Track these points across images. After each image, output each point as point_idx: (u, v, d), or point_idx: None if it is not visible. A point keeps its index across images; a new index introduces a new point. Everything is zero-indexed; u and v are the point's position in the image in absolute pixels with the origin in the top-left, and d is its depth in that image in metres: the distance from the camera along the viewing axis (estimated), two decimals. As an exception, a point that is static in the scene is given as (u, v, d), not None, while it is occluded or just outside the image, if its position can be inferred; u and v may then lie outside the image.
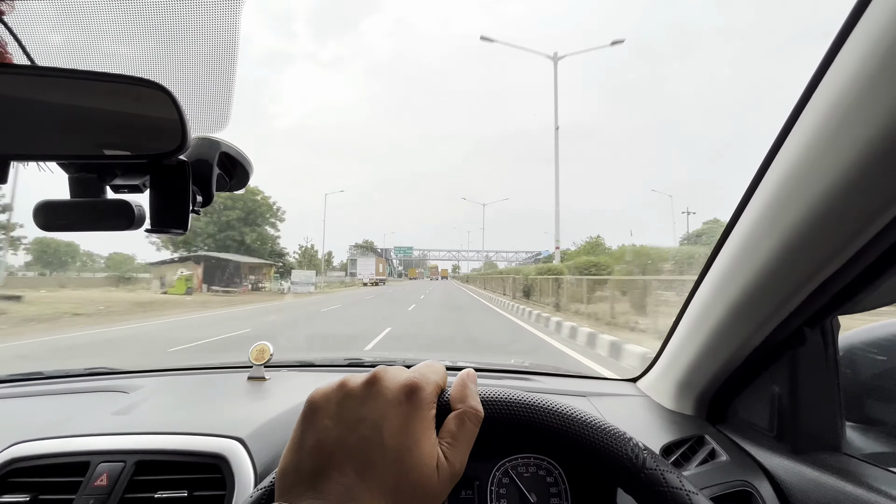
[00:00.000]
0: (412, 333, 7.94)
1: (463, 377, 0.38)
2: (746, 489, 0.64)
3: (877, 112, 0.39)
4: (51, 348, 6.54)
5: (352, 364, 1.28)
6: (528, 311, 11.91)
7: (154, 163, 0.45)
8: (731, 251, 0.63)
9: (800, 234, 0.51)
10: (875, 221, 0.44)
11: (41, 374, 1.18)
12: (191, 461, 0.67)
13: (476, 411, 0.35)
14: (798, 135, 0.49)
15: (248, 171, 0.56)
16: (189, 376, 1.15)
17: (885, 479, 0.54)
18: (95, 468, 0.65)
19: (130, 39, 0.45)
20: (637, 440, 0.38)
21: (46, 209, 0.45)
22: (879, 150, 0.40)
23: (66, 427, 0.75)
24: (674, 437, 0.77)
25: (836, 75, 0.43)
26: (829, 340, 0.63)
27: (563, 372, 1.24)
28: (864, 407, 0.66)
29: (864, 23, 0.39)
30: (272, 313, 11.89)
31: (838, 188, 0.44)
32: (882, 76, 0.38)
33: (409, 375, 0.34)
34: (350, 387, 0.34)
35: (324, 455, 0.31)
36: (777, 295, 0.58)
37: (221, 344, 6.53)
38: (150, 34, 0.46)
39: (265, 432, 0.74)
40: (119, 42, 0.45)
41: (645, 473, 0.36)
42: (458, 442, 0.34)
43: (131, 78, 0.40)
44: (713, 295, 0.69)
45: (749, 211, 0.58)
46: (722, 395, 0.79)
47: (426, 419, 0.33)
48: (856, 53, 0.40)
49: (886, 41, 0.37)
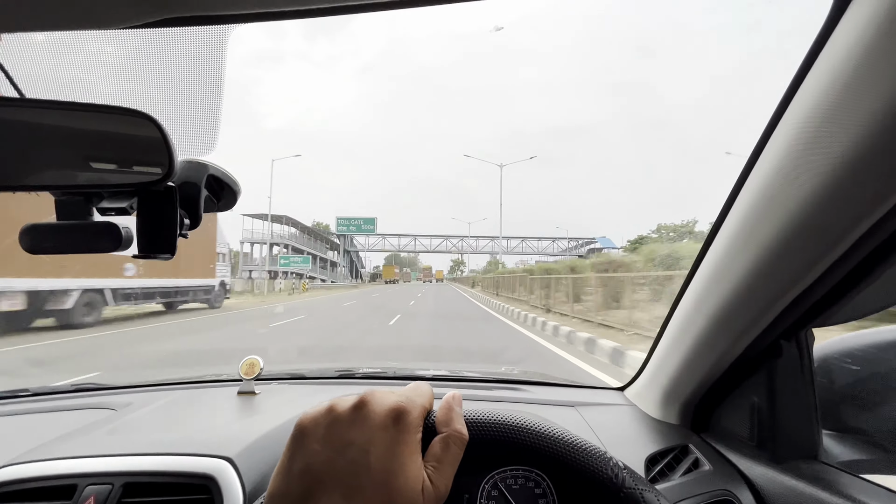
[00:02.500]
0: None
1: (448, 400, 0.39)
2: (728, 499, 0.66)
3: (848, 129, 0.40)
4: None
5: (343, 376, 1.28)
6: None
7: (142, 188, 0.45)
8: (711, 264, 0.64)
9: (774, 250, 0.52)
10: (845, 238, 0.46)
11: (27, 391, 1.16)
12: (179, 482, 0.67)
13: (461, 435, 0.36)
14: (770, 153, 0.50)
15: (235, 192, 0.56)
16: (178, 391, 1.14)
17: (858, 487, 0.56)
18: (83, 491, 0.65)
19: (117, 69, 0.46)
20: (617, 459, 0.39)
21: (33, 232, 0.45)
22: (849, 168, 0.41)
23: (53, 449, 0.74)
24: (659, 447, 0.79)
25: (807, 94, 0.44)
26: (804, 352, 0.65)
27: (552, 381, 1.25)
28: (840, 415, 0.68)
29: (828, 52, 0.41)
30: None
31: (809, 206, 0.46)
32: (848, 99, 0.39)
33: (395, 400, 0.35)
34: (338, 411, 0.34)
35: (312, 479, 0.32)
36: (753, 308, 0.60)
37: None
38: (136, 63, 0.47)
39: (255, 451, 0.74)
40: (106, 72, 0.45)
41: (624, 492, 0.37)
42: (443, 465, 0.35)
43: (118, 108, 0.41)
44: (695, 306, 0.70)
45: (727, 225, 0.60)
46: (706, 405, 0.81)
47: (412, 443, 0.34)
48: (823, 79, 0.42)
49: (856, 60, 0.38)
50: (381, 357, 6.44)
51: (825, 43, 0.41)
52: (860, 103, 0.38)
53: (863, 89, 0.38)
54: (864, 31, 0.37)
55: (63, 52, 0.43)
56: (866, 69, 0.37)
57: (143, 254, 0.46)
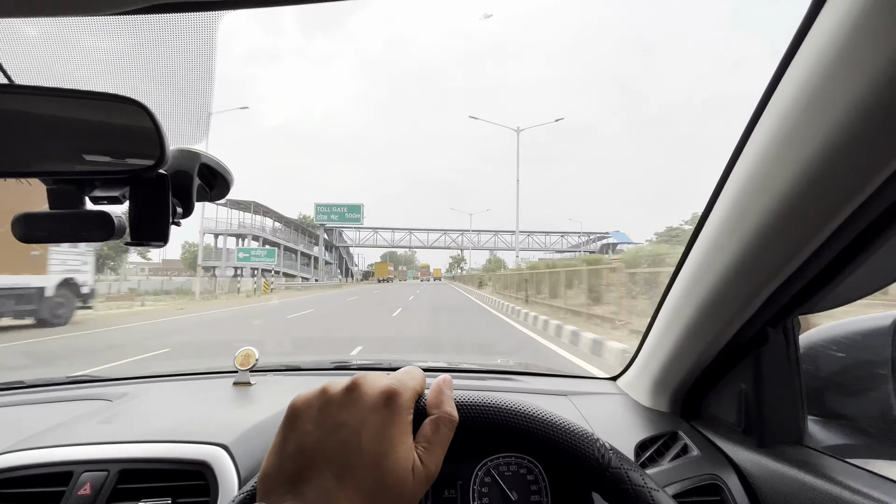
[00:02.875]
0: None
1: (439, 383, 0.40)
2: (716, 482, 0.67)
3: (826, 121, 0.40)
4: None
5: (338, 367, 1.29)
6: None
7: (134, 177, 0.45)
8: (700, 252, 0.65)
9: (759, 237, 0.53)
10: (828, 225, 0.47)
11: (22, 384, 1.16)
12: (174, 469, 0.67)
13: (450, 416, 0.37)
14: (754, 143, 0.51)
15: (228, 181, 0.56)
16: (173, 383, 1.15)
17: (843, 471, 0.58)
18: (79, 478, 0.65)
19: (108, 56, 0.46)
20: (603, 441, 0.40)
21: (25, 220, 0.45)
22: (830, 155, 0.41)
23: (49, 437, 0.75)
24: (649, 434, 0.80)
25: (786, 87, 0.45)
26: (790, 339, 0.66)
27: (545, 371, 1.26)
28: (825, 401, 0.69)
29: (812, 39, 0.41)
30: None
31: (792, 193, 0.47)
32: (828, 88, 0.40)
33: (387, 382, 0.36)
34: (331, 393, 0.35)
35: (304, 459, 0.33)
36: (740, 295, 0.61)
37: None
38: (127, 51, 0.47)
39: (249, 438, 0.75)
40: (96, 59, 0.45)
41: (610, 472, 0.38)
42: (433, 446, 0.35)
43: (109, 95, 0.41)
44: (684, 295, 0.71)
45: (714, 213, 0.61)
46: (695, 393, 0.82)
47: (403, 424, 0.35)
48: (802, 72, 0.42)
49: (826, 63, 0.39)
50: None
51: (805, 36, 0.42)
52: (839, 92, 0.39)
53: (842, 79, 0.39)
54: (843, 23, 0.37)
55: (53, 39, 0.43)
56: (843, 62, 0.38)
57: (135, 241, 0.46)
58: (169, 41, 0.46)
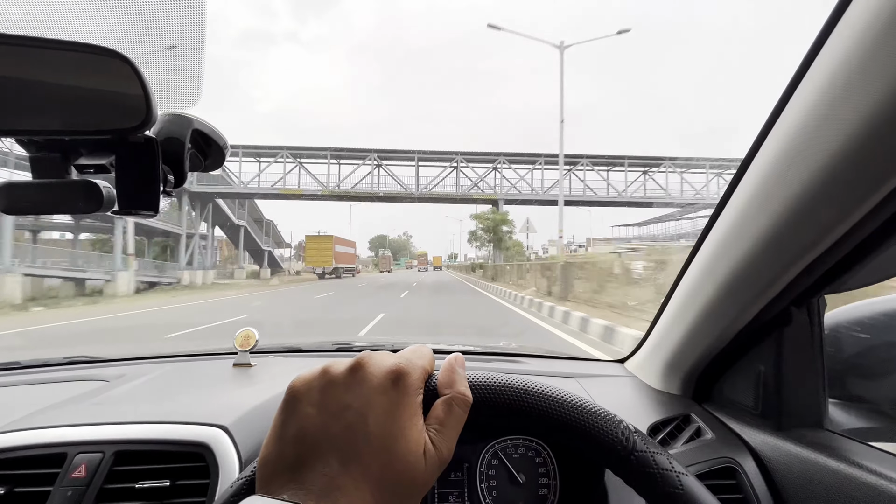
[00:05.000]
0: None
1: (451, 362, 0.37)
2: (731, 466, 0.65)
3: (866, 95, 0.38)
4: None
5: (341, 349, 1.27)
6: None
7: (119, 140, 0.42)
8: (721, 232, 0.62)
9: (789, 216, 0.50)
10: (863, 204, 0.44)
11: (18, 364, 1.14)
12: (173, 450, 0.66)
13: (464, 396, 0.35)
14: (788, 117, 0.48)
15: (223, 150, 0.53)
16: (172, 364, 1.13)
17: (865, 454, 0.56)
18: (73, 459, 0.63)
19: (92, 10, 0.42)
20: (627, 422, 0.38)
21: (9, 190, 0.42)
22: (867, 134, 0.39)
23: (42, 418, 0.73)
24: (661, 417, 0.78)
25: (827, 57, 0.42)
26: (815, 320, 0.64)
27: (551, 354, 1.25)
28: (847, 384, 0.67)
29: (849, 12, 0.39)
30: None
31: (826, 171, 0.44)
32: (872, 58, 0.37)
33: (394, 361, 0.33)
34: (333, 373, 0.32)
35: (306, 444, 0.30)
36: (765, 275, 0.58)
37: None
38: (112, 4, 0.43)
39: (250, 419, 0.73)
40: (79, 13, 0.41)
41: (635, 455, 0.35)
42: (446, 428, 0.33)
43: (91, 46, 0.37)
44: (702, 276, 0.69)
45: (739, 192, 0.58)
46: (708, 375, 0.80)
47: (413, 405, 0.32)
48: (847, 33, 0.40)
49: (874, 18, 0.36)
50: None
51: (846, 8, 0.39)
52: (884, 61, 0.36)
53: (889, 48, 0.36)
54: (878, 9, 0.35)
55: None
56: (884, 28, 0.36)
57: (123, 211, 0.43)
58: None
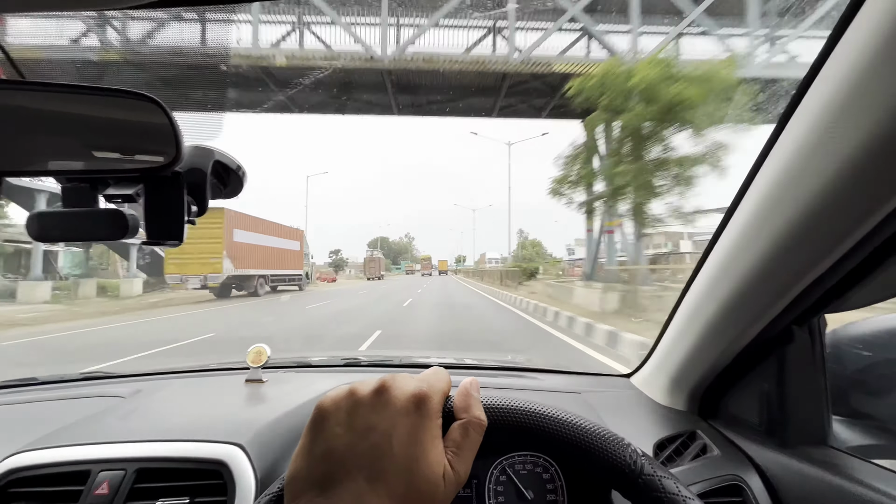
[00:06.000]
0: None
1: (466, 386, 0.39)
2: (737, 483, 0.66)
3: (867, 116, 0.39)
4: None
5: (349, 364, 1.29)
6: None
7: (148, 175, 0.45)
8: (723, 250, 0.64)
9: (789, 236, 0.51)
10: (863, 224, 0.45)
11: (35, 380, 1.17)
12: (192, 468, 0.67)
13: (480, 421, 0.36)
14: (789, 137, 0.49)
15: (241, 178, 0.55)
16: (185, 379, 1.15)
17: (868, 472, 0.56)
18: (96, 477, 0.65)
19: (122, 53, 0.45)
20: (635, 446, 0.39)
21: (40, 219, 0.45)
22: (869, 153, 0.40)
23: (66, 436, 0.75)
24: (667, 433, 0.79)
25: (827, 79, 0.43)
26: (816, 338, 0.65)
27: (558, 368, 1.25)
28: (850, 401, 0.68)
29: (857, 23, 0.39)
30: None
31: (827, 192, 0.45)
32: (872, 80, 0.38)
33: (417, 385, 0.35)
34: (360, 395, 0.34)
35: (334, 462, 0.32)
36: (766, 296, 0.59)
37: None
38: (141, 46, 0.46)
39: (265, 436, 0.75)
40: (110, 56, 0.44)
41: (643, 479, 0.37)
42: (463, 451, 0.35)
43: (124, 91, 0.40)
44: (705, 293, 0.70)
45: (740, 212, 0.59)
46: (713, 391, 0.81)
47: (434, 428, 0.34)
48: (846, 59, 0.41)
49: (878, 42, 0.37)
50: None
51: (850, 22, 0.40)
52: (879, 90, 0.38)
53: (880, 77, 0.37)
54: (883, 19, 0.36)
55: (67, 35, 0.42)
56: (884, 57, 0.36)
57: (151, 241, 0.45)
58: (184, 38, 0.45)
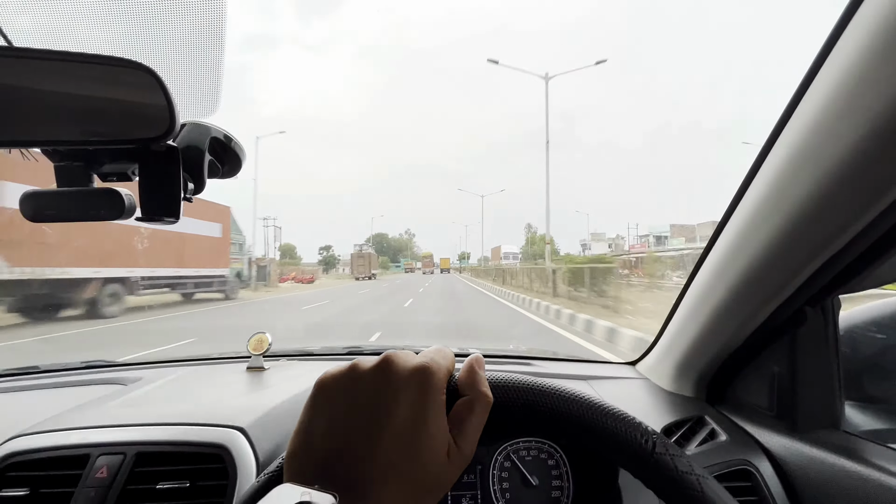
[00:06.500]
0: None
1: (471, 362, 0.37)
2: (746, 468, 0.65)
3: (882, 91, 0.38)
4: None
5: (351, 353, 1.28)
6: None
7: (142, 149, 0.43)
8: (734, 232, 0.62)
9: (802, 215, 0.50)
10: (878, 202, 0.44)
11: (37, 368, 1.17)
12: (192, 451, 0.67)
13: (486, 397, 0.35)
14: (802, 115, 0.48)
15: (240, 157, 0.54)
16: (187, 368, 1.15)
17: (883, 455, 0.55)
18: (95, 461, 0.65)
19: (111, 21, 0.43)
20: (646, 425, 0.38)
21: (34, 199, 0.43)
22: (882, 130, 0.39)
23: (65, 420, 0.75)
24: (674, 419, 0.78)
25: (842, 52, 0.42)
26: (829, 320, 0.63)
27: (561, 356, 1.24)
28: (864, 385, 0.67)
29: (856, 21, 0.39)
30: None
31: (841, 169, 0.44)
32: (884, 59, 0.37)
33: (419, 360, 0.34)
34: (360, 370, 0.33)
35: (334, 438, 0.31)
36: (779, 276, 0.58)
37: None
38: (132, 15, 0.44)
39: (266, 421, 0.74)
40: (99, 23, 0.43)
41: (654, 458, 0.35)
42: (469, 427, 0.33)
43: (116, 59, 0.38)
44: (714, 276, 0.68)
45: (752, 191, 0.58)
46: (721, 376, 0.80)
47: (437, 403, 0.32)
48: (862, 28, 0.39)
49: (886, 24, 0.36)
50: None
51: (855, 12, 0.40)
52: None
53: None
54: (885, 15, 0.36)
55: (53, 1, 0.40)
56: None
57: (146, 217, 0.44)
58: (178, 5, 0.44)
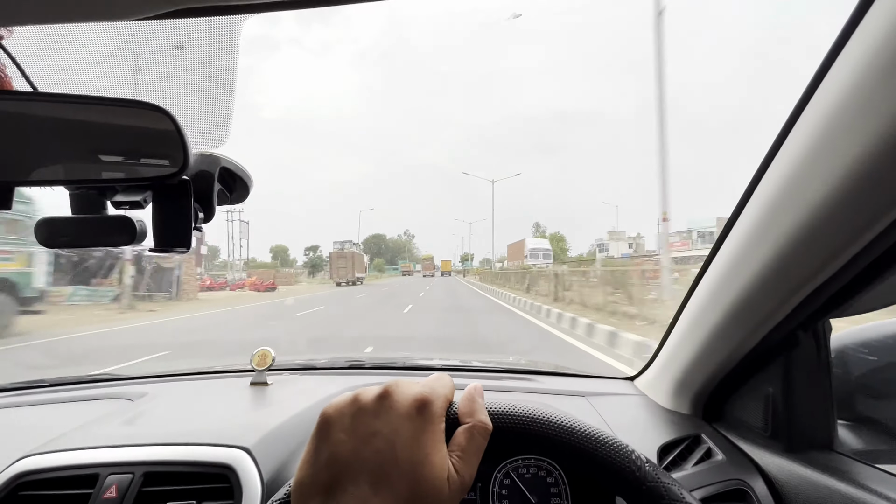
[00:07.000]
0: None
1: (471, 391, 0.39)
2: (742, 488, 0.66)
3: (872, 121, 0.39)
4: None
5: (353, 366, 1.29)
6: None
7: (156, 183, 0.45)
8: (728, 254, 0.64)
9: (795, 241, 0.51)
10: (869, 229, 0.45)
11: (43, 382, 1.18)
12: (199, 471, 0.68)
13: (485, 426, 0.37)
14: (794, 142, 0.49)
15: (248, 184, 0.56)
16: (192, 382, 1.16)
17: (873, 477, 0.56)
18: (104, 480, 0.66)
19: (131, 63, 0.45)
20: (639, 453, 0.39)
21: (48, 225, 0.45)
22: (874, 159, 0.40)
23: (73, 439, 0.76)
24: (671, 437, 0.79)
25: (833, 83, 0.43)
26: (821, 343, 0.65)
27: (561, 371, 1.25)
28: (856, 405, 0.68)
29: (862, 29, 0.39)
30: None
31: (833, 197, 0.45)
32: (878, 86, 0.38)
33: (419, 390, 0.35)
34: (363, 401, 0.35)
35: (339, 468, 0.32)
36: (772, 299, 0.59)
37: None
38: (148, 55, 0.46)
39: (270, 440, 0.75)
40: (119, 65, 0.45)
41: (647, 486, 0.37)
42: (468, 455, 0.35)
43: (132, 101, 0.40)
44: (710, 297, 0.70)
45: (745, 216, 0.59)
46: (718, 395, 0.81)
47: (437, 432, 0.34)
48: (850, 65, 0.41)
49: (884, 52, 0.37)
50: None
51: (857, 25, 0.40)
52: (886, 93, 0.37)
53: (889, 79, 0.37)
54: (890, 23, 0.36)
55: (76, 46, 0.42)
56: (892, 60, 0.36)
57: (159, 248, 0.46)
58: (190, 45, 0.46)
